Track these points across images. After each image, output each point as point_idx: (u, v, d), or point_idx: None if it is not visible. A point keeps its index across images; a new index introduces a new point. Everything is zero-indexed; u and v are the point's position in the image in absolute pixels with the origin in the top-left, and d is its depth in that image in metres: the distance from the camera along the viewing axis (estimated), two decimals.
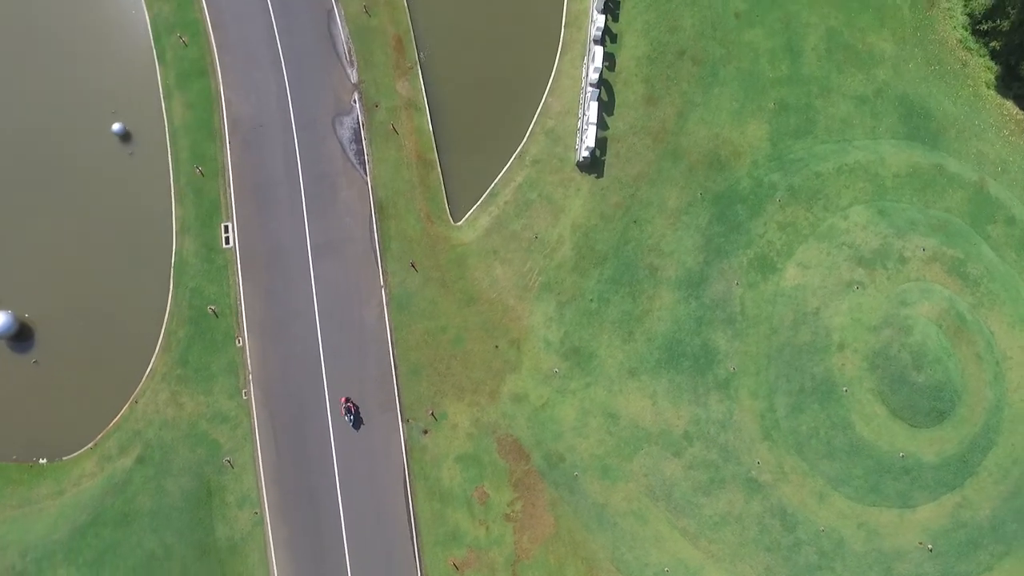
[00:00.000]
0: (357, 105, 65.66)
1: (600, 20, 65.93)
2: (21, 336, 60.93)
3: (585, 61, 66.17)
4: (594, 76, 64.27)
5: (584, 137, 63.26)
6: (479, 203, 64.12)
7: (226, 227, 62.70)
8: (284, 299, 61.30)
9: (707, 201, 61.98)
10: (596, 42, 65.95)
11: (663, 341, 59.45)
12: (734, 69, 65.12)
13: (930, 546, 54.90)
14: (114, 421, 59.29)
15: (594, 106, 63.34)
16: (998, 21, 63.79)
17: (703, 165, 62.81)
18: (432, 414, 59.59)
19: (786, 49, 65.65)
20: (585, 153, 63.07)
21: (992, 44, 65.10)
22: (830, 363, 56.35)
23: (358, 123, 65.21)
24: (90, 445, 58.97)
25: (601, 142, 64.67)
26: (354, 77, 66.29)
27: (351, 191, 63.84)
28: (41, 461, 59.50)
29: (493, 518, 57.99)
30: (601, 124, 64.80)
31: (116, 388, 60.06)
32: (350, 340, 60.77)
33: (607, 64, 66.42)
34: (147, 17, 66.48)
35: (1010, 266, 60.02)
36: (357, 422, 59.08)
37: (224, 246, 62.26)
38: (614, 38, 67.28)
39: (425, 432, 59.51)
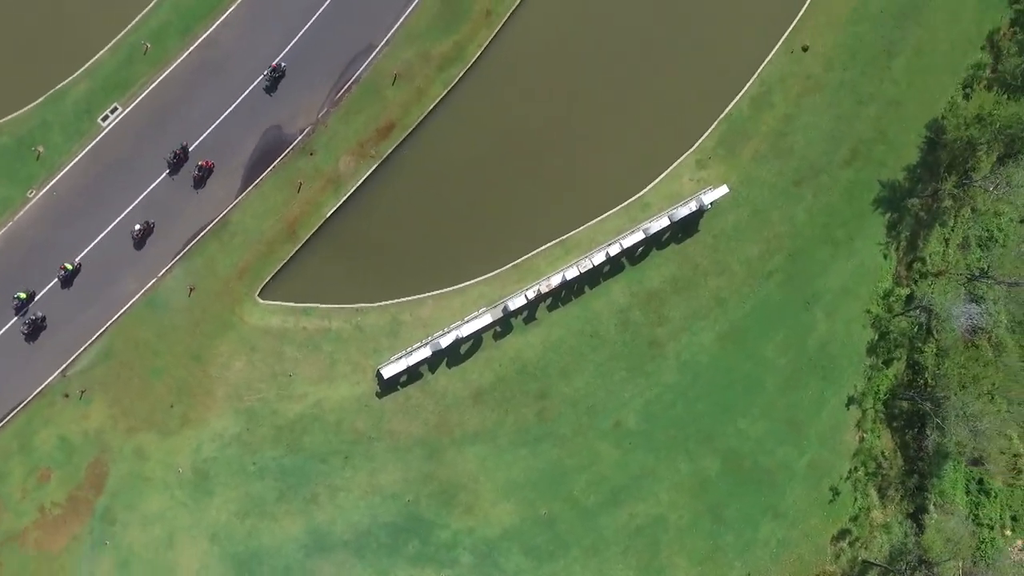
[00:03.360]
0: (300, 137, 61.25)
1: (521, 299, 59.39)
2: None
3: (485, 307, 60.46)
4: (444, 340, 59.24)
5: (401, 362, 59.12)
6: (289, 306, 61.18)
7: (116, 108, 60.89)
8: (89, 205, 60.11)
9: (405, 511, 58.85)
10: (505, 312, 59.93)
11: (253, 548, 58.55)
12: (555, 454, 59.53)
13: None
14: None
15: (422, 355, 58.72)
16: None
17: (434, 491, 59.10)
18: (82, 393, 60.42)
19: (611, 495, 59.45)
20: (388, 373, 59.26)
21: None
22: None
23: (284, 149, 61.07)
24: None
25: (416, 375, 60.64)
26: (322, 115, 61.32)
27: (219, 190, 60.94)
28: None
29: (32, 496, 59.52)
30: (437, 365, 60.43)
31: None
32: (92, 287, 60.04)
33: (499, 329, 60.99)
34: None
35: None
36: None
37: (100, 120, 60.80)
38: (532, 317, 61.27)
39: (66, 396, 60.53)
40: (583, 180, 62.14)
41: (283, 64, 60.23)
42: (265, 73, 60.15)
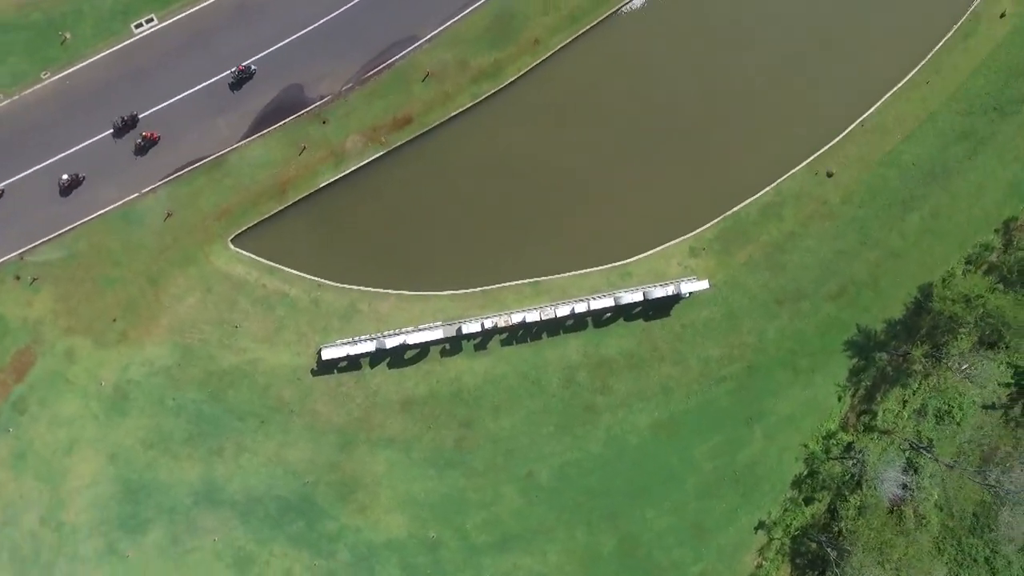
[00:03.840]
0: (317, 103, 61.17)
1: (477, 326, 59.38)
2: None
3: (441, 323, 60.48)
4: (391, 341, 59.25)
5: (345, 348, 59.14)
6: (257, 260, 61.27)
7: (151, 19, 60.89)
8: (98, 103, 59.89)
9: (301, 492, 59.03)
10: (458, 333, 59.89)
11: (146, 480, 58.82)
12: (462, 483, 59.56)
13: None
14: None
15: (367, 348, 58.77)
16: None
17: (335, 481, 59.29)
18: (33, 280, 60.44)
19: (502, 540, 59.45)
20: (328, 355, 59.37)
21: None
22: None
23: (299, 109, 60.96)
24: None
25: (355, 365, 60.72)
26: (346, 88, 61.22)
27: (226, 127, 60.91)
28: None
29: None
30: (378, 362, 60.44)
31: None
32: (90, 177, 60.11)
33: (448, 347, 61.02)
34: None
35: None
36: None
37: (133, 26, 60.80)
38: (483, 346, 61.28)
39: (17, 278, 60.57)
40: (575, 230, 62.01)
41: (253, 67, 59.98)
42: (232, 71, 59.88)
